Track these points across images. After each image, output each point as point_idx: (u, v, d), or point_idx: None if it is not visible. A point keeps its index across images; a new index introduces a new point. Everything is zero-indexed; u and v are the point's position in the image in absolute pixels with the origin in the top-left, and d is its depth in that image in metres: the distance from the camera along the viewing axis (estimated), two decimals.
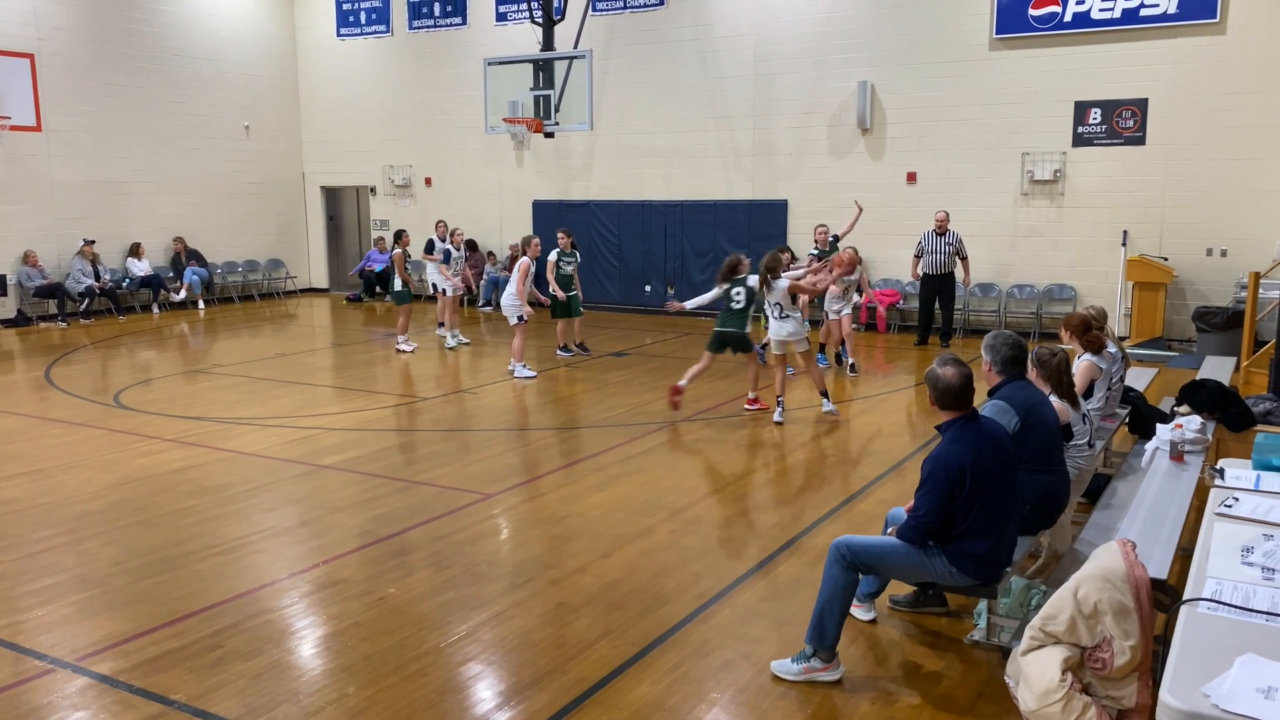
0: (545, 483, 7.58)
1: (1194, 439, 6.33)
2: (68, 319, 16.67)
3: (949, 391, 4.37)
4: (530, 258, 12.03)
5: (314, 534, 6.46)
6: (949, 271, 13.91)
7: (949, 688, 4.46)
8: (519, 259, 12.07)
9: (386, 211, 20.73)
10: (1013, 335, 5.23)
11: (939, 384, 4.38)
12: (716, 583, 5.59)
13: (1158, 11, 13.57)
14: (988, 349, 5.15)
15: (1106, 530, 5.14)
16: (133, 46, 18.13)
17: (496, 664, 4.68)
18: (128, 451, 8.49)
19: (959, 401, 4.39)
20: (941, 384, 4.38)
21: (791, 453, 8.52)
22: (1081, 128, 14.29)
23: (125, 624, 5.07)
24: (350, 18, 20.42)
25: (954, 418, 4.41)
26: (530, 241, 12.36)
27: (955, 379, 4.36)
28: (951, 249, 13.82)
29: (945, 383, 4.37)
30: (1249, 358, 10.72)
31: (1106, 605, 3.28)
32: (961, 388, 4.37)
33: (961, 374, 4.37)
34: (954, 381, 4.36)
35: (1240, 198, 13.40)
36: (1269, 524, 3.40)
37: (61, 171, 17.24)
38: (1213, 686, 2.22)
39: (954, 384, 4.36)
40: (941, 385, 4.38)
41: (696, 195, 17.30)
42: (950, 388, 4.36)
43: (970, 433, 4.36)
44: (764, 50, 16.36)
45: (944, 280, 13.96)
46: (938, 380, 4.39)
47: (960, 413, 4.41)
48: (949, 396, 4.38)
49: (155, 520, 6.69)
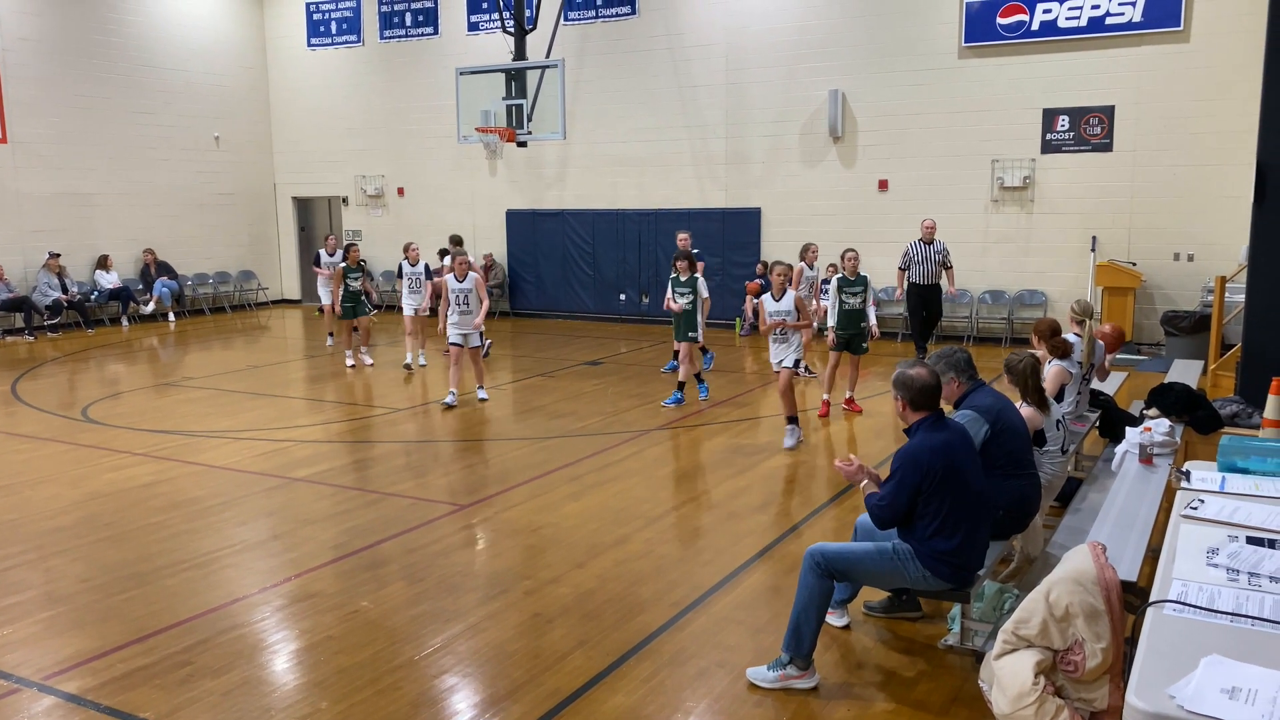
0: (519, 493, 7.55)
1: (1163, 442, 6.40)
2: (34, 332, 16.46)
3: (925, 390, 4.44)
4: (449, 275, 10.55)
5: (286, 548, 6.40)
6: (937, 282, 13.41)
7: (923, 693, 4.47)
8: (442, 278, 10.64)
9: (359, 222, 20.64)
10: (958, 347, 5.34)
11: (914, 383, 4.44)
12: (692, 591, 5.59)
13: (1123, 20, 13.76)
14: (947, 366, 5.17)
15: (1078, 533, 5.18)
16: (100, 57, 17.97)
17: (471, 676, 4.65)
18: (96, 466, 8.39)
19: (931, 400, 4.47)
20: (917, 383, 4.44)
21: (766, 460, 8.53)
22: (1050, 135, 14.45)
23: (93, 641, 5.00)
24: (321, 28, 20.33)
25: (923, 418, 4.46)
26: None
27: (929, 377, 4.45)
28: (940, 258, 13.35)
29: (920, 381, 4.44)
30: (1216, 361, 10.85)
31: (1078, 608, 3.30)
32: (935, 386, 4.47)
33: (932, 373, 4.48)
34: (929, 380, 4.45)
35: (1206, 203, 13.59)
36: (1234, 525, 3.43)
37: (28, 183, 17.03)
38: (1178, 688, 2.24)
39: (929, 382, 4.45)
40: (917, 384, 4.44)
41: (670, 204, 17.33)
42: (926, 386, 4.44)
43: (940, 430, 4.43)
44: (736, 59, 16.45)
45: (932, 290, 13.43)
46: (912, 380, 4.44)
47: (929, 413, 4.46)
48: (924, 395, 4.45)
49: (124, 536, 6.61)
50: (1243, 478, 4.02)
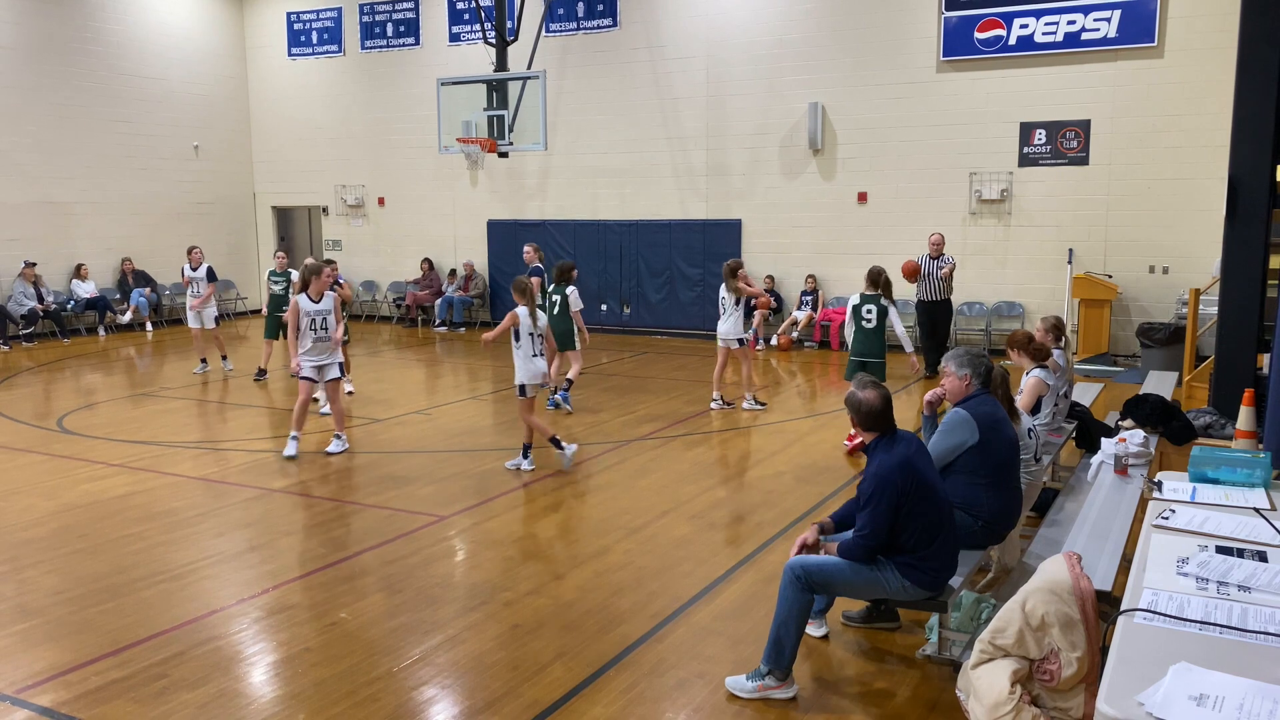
0: (498, 504, 7.54)
1: (1137, 452, 6.47)
2: (9, 341, 16.30)
3: (872, 414, 4.52)
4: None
5: (263, 559, 6.36)
6: (946, 297, 13.09)
7: (901, 703, 4.50)
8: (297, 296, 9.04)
9: (339, 232, 20.58)
10: (984, 352, 5.37)
11: (862, 407, 4.53)
12: (671, 602, 5.59)
13: (1099, 35, 13.94)
14: (965, 364, 5.22)
15: (1054, 544, 5.23)
16: (78, 65, 17.86)
17: (450, 688, 4.64)
18: (71, 477, 8.31)
19: (881, 422, 4.53)
20: (865, 407, 4.52)
21: (746, 471, 8.56)
22: (1027, 148, 14.60)
23: (67, 654, 4.95)
24: (302, 37, 20.30)
25: (877, 437, 4.54)
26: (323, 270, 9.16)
27: (877, 401, 4.52)
28: (945, 272, 13.01)
29: (868, 405, 4.52)
30: (1190, 372, 10.97)
31: (1053, 618, 3.34)
32: (883, 409, 4.53)
33: (881, 396, 4.54)
34: (876, 404, 4.52)
35: (1180, 216, 13.76)
36: (1204, 535, 3.48)
37: (4, 192, 16.89)
38: (1147, 695, 2.27)
39: (876, 406, 4.52)
40: (865, 408, 4.52)
41: (651, 215, 17.39)
42: (873, 410, 4.51)
43: (898, 446, 4.49)
44: (716, 71, 16.54)
45: (939, 306, 13.08)
46: (860, 404, 4.53)
47: (882, 432, 4.54)
48: (872, 419, 4.52)
49: (99, 547, 6.55)
50: (1213, 488, 4.08)
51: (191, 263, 13.69)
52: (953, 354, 5.34)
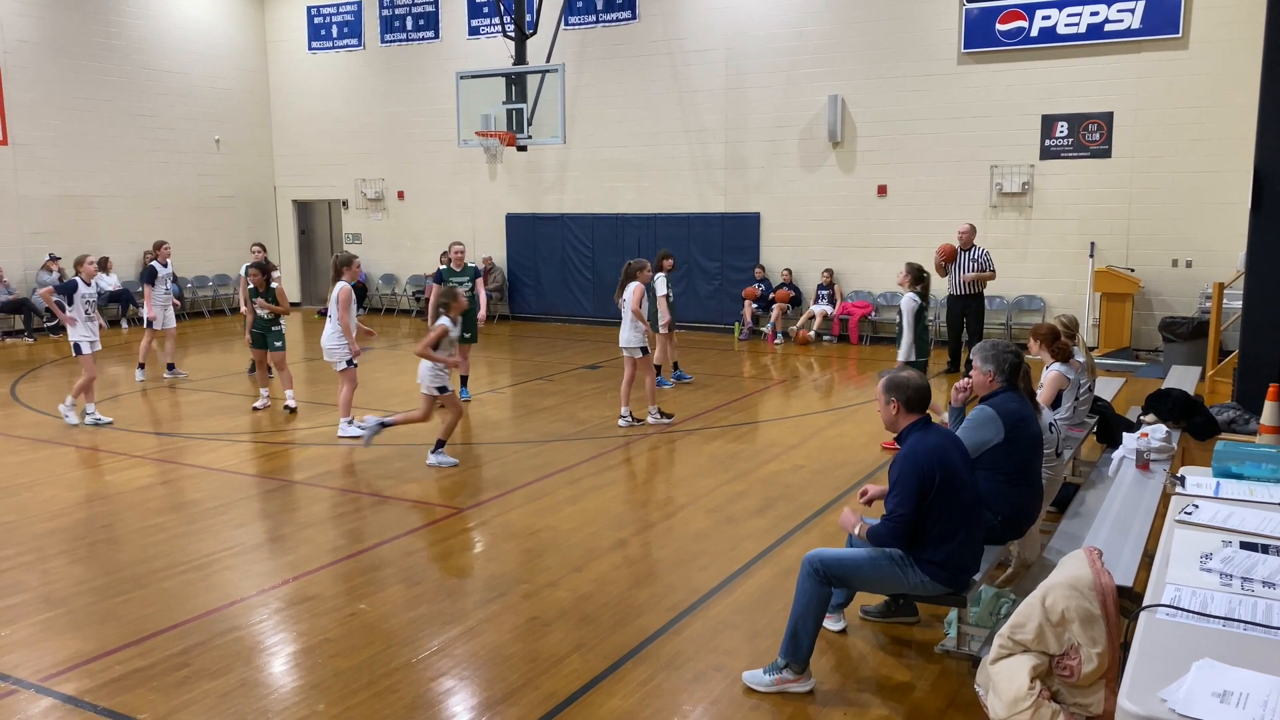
0: (517, 496, 7.56)
1: (1159, 447, 6.43)
2: (34, 334, 16.46)
3: (921, 390, 4.52)
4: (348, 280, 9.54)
5: (284, 550, 6.40)
6: (977, 291, 12.86)
7: (920, 697, 4.48)
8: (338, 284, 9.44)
9: (359, 225, 20.66)
10: (1014, 346, 5.31)
11: (910, 385, 4.51)
12: (689, 595, 5.59)
13: (1122, 27, 13.80)
14: (990, 359, 5.19)
15: (1074, 539, 5.20)
16: (101, 60, 18.00)
17: (468, 679, 4.66)
18: (94, 469, 8.39)
19: (925, 403, 4.53)
20: (913, 385, 4.51)
21: (764, 464, 8.54)
22: (1049, 141, 14.48)
23: (90, 643, 5.00)
24: (322, 31, 20.37)
25: (914, 421, 4.51)
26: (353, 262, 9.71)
27: (922, 380, 4.55)
28: (976, 266, 12.76)
29: (915, 384, 4.52)
30: (1214, 367, 10.87)
31: (1074, 613, 3.31)
32: (928, 389, 4.55)
33: (923, 377, 4.59)
34: (922, 383, 4.54)
35: (1204, 210, 13.62)
36: (1228, 530, 3.45)
37: (28, 186, 17.05)
38: (1170, 691, 2.25)
39: (923, 385, 4.54)
40: (913, 385, 4.51)
41: (669, 208, 17.36)
42: (921, 388, 4.53)
43: (931, 434, 4.47)
44: (735, 64, 16.48)
45: (970, 300, 12.84)
46: (908, 383, 4.52)
47: (919, 416, 4.53)
48: (920, 395, 4.51)
49: (122, 538, 6.62)
50: (1237, 483, 4.04)
51: (161, 259, 12.83)
52: (978, 348, 5.31)
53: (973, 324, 12.89)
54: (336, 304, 9.33)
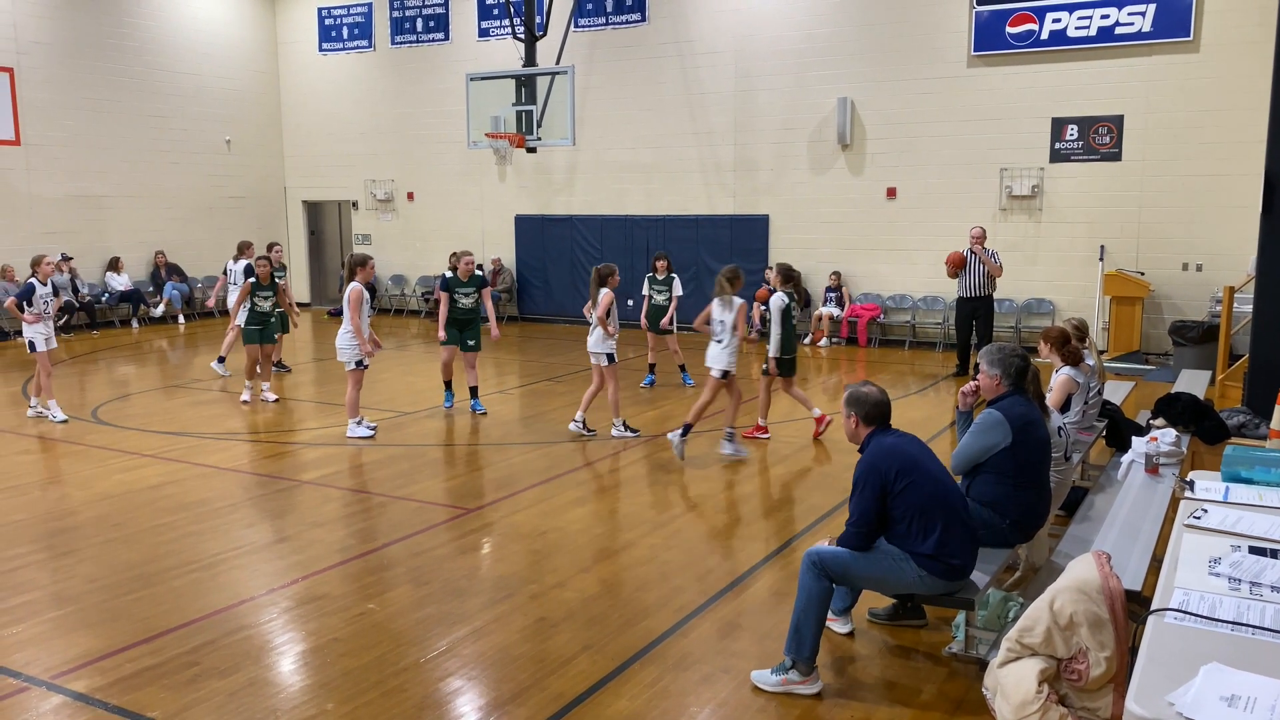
0: (525, 497, 7.57)
1: (1169, 451, 6.40)
2: None
3: (879, 405, 4.64)
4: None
5: (293, 549, 6.43)
6: (987, 294, 12.80)
7: (927, 700, 4.48)
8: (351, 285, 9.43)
9: (368, 226, 20.72)
10: (1020, 350, 5.30)
11: (869, 399, 4.63)
12: (697, 596, 5.60)
13: (1133, 30, 13.77)
14: (996, 363, 5.19)
15: (1083, 542, 5.18)
16: (113, 60, 18.09)
17: (476, 679, 4.67)
18: (105, 467, 8.44)
19: (883, 415, 4.64)
20: (871, 399, 4.63)
21: (772, 467, 8.54)
22: (1059, 144, 14.45)
23: (101, 641, 5.03)
24: (333, 33, 20.44)
25: (872, 431, 4.62)
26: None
27: (880, 394, 4.66)
28: (986, 268, 12.70)
29: (874, 398, 4.64)
30: (1224, 371, 10.84)
31: (1082, 617, 3.31)
32: (886, 402, 4.67)
33: (882, 390, 4.70)
34: (881, 397, 4.65)
35: (1215, 213, 13.57)
36: (1237, 535, 3.44)
37: (40, 186, 17.15)
38: (1178, 695, 2.25)
39: (881, 399, 4.65)
40: (871, 400, 4.63)
41: (678, 210, 17.37)
42: (880, 402, 4.64)
43: (888, 435, 4.60)
44: (745, 66, 16.49)
45: (980, 302, 12.78)
46: (866, 398, 4.64)
47: (877, 427, 4.63)
48: (878, 410, 4.63)
49: (132, 537, 6.65)
50: (1246, 488, 4.03)
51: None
52: (985, 351, 5.31)
53: (982, 327, 12.85)
54: (348, 304, 9.36)
